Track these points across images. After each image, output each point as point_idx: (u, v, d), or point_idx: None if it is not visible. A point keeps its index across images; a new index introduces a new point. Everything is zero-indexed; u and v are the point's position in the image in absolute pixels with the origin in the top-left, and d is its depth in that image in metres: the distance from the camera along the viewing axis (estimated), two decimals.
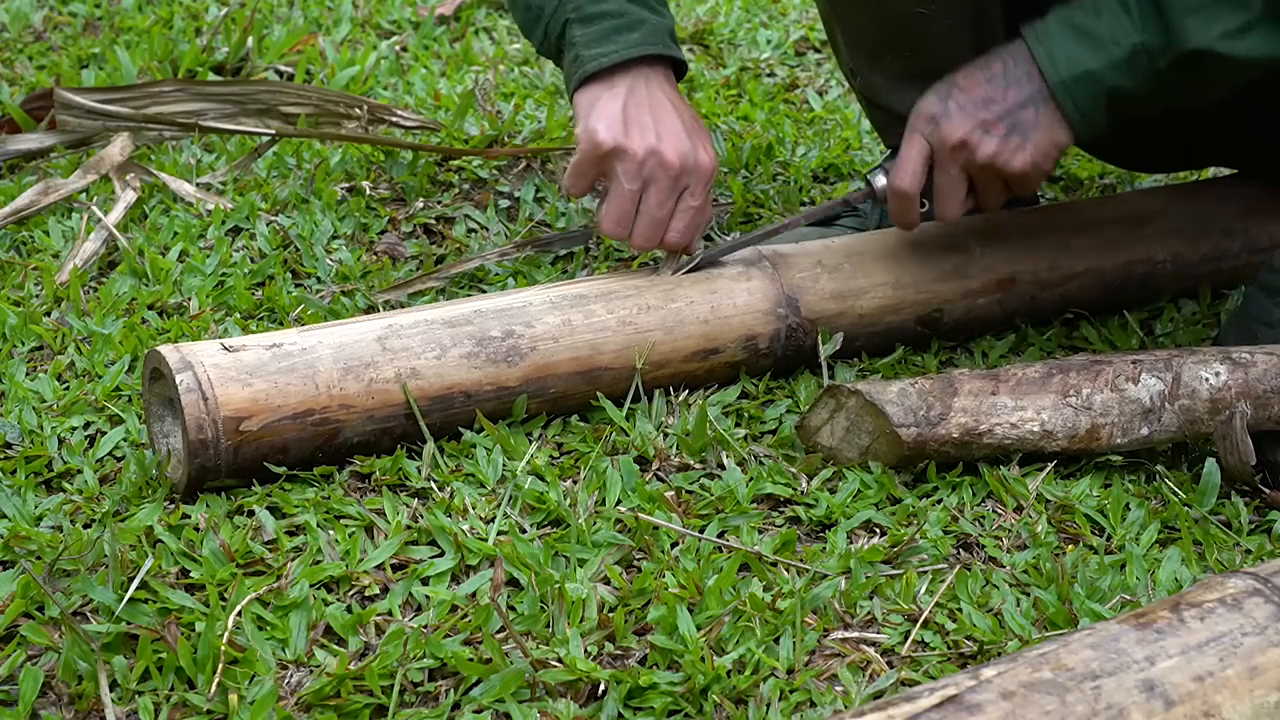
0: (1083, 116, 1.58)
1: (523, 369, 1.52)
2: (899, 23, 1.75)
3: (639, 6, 1.65)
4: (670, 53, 1.65)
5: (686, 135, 1.62)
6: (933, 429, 1.47)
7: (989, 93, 1.59)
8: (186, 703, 1.17)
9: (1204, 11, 1.51)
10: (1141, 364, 1.54)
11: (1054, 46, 1.57)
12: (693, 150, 1.61)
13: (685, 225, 1.63)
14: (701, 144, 1.63)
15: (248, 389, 1.40)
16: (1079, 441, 1.52)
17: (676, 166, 1.60)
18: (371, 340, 1.48)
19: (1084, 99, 1.57)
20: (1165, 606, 1.07)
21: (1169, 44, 1.53)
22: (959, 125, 1.59)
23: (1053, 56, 1.57)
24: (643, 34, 1.63)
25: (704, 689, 1.19)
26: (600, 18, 1.64)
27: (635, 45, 1.62)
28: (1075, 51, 1.56)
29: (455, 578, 1.34)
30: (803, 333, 1.66)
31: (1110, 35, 1.54)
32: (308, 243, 1.96)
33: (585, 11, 1.64)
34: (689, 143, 1.61)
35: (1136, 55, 1.54)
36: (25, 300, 1.82)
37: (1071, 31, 1.56)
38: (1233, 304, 1.90)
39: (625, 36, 1.63)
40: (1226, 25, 1.50)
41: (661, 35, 1.65)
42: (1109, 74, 1.55)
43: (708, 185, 1.63)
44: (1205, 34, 1.51)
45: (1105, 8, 1.55)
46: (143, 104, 2.30)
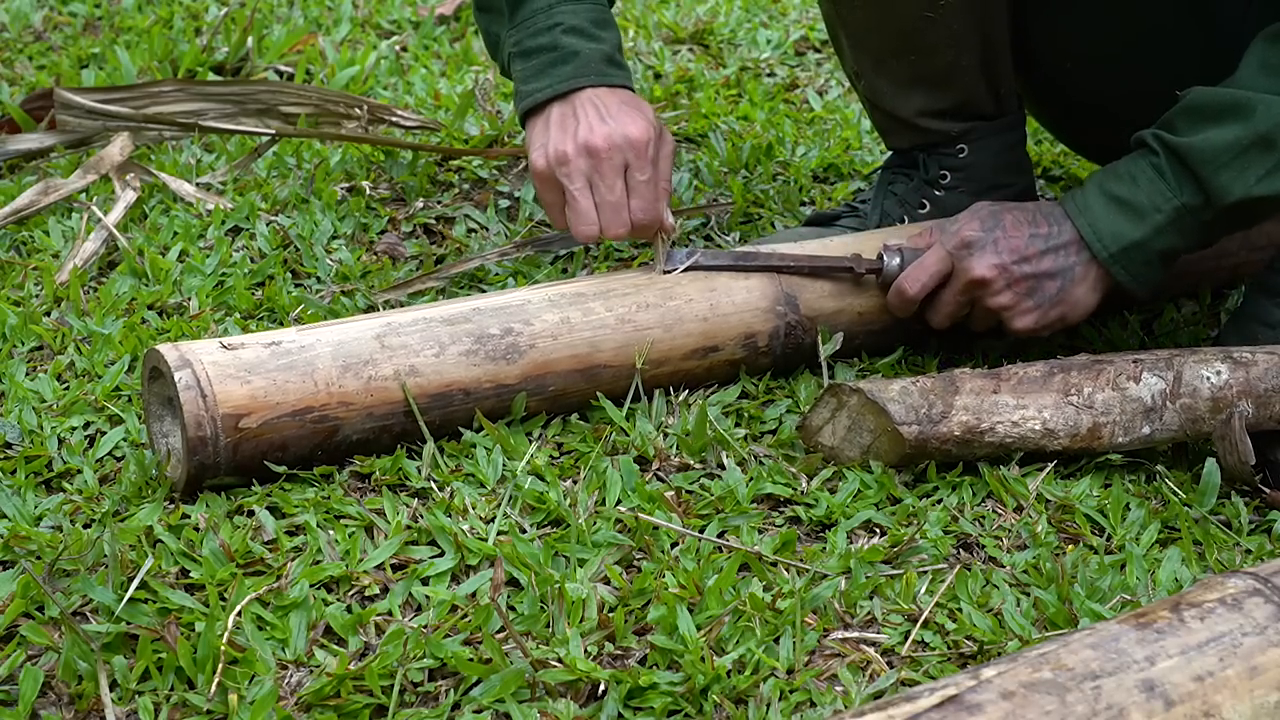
0: (1136, 280, 1.62)
1: (522, 367, 1.52)
2: (904, 27, 1.74)
3: (573, 37, 1.70)
4: (603, 81, 1.69)
5: (609, 118, 1.65)
6: (934, 427, 1.47)
7: (1027, 250, 1.62)
8: (186, 703, 1.17)
9: (1235, 165, 1.54)
10: (1143, 363, 1.54)
11: (1097, 221, 1.61)
12: (618, 129, 1.64)
13: (642, 200, 1.66)
14: (630, 118, 1.65)
15: (246, 386, 1.40)
16: (1080, 440, 1.52)
17: (604, 147, 1.63)
18: (370, 338, 1.48)
19: (1135, 265, 1.61)
20: (1165, 606, 1.07)
21: (1209, 201, 1.56)
22: (987, 266, 1.62)
23: (1097, 232, 1.60)
24: (574, 66, 1.69)
25: (704, 689, 1.19)
26: (536, 52, 1.71)
27: (565, 79, 1.68)
28: (1119, 225, 1.60)
29: (455, 578, 1.33)
30: (802, 331, 1.66)
31: (1151, 203, 1.58)
32: (308, 243, 1.96)
33: (524, 46, 1.72)
34: (611, 124, 1.64)
35: (1180, 217, 1.57)
36: (25, 300, 1.82)
37: (1113, 204, 1.60)
38: (1233, 304, 1.90)
39: (558, 70, 1.69)
40: (1259, 170, 1.54)
41: (595, 64, 1.69)
42: (1156, 239, 1.59)
43: (646, 155, 1.65)
44: (1243, 185, 1.54)
45: (1141, 176, 1.58)
46: (143, 104, 2.30)
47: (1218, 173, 1.54)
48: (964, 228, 1.63)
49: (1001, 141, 1.87)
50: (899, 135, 1.90)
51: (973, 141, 1.85)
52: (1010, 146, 1.89)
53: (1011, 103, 1.87)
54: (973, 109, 1.83)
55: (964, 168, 1.86)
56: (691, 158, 2.30)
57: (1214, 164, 1.54)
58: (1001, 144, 1.87)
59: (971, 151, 1.85)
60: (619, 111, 1.66)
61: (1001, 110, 1.86)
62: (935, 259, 1.64)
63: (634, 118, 1.66)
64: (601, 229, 1.66)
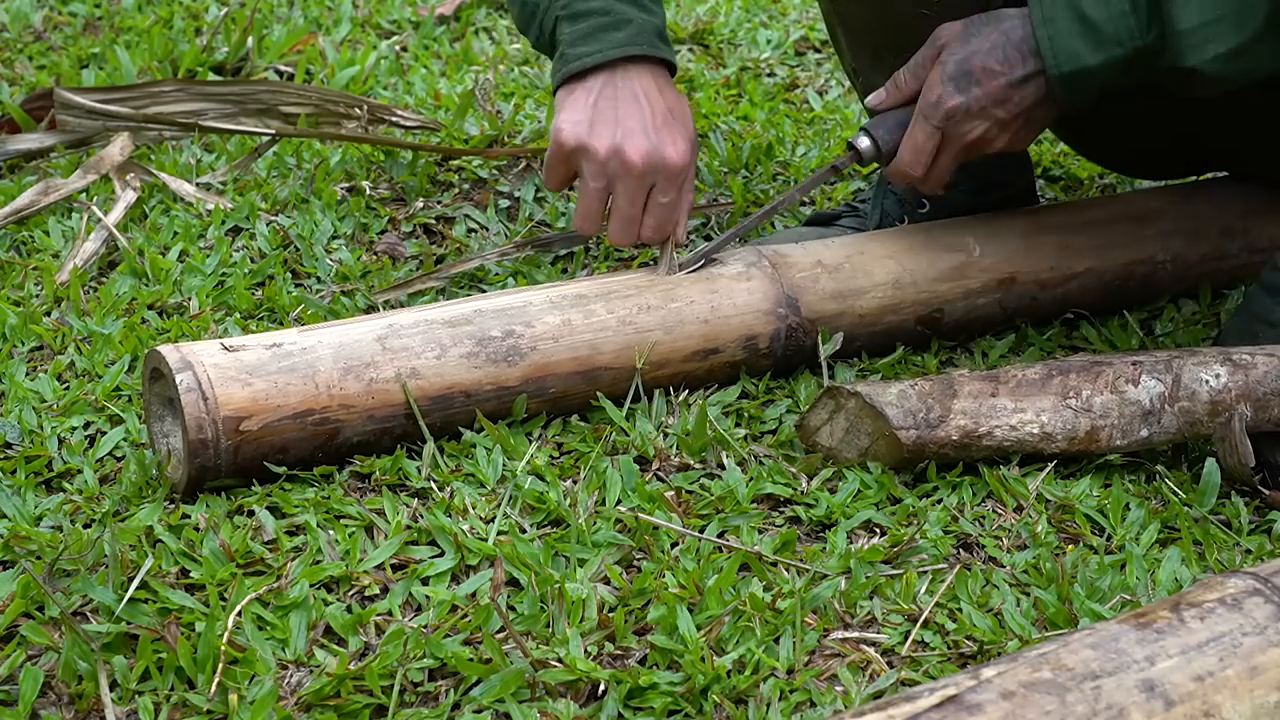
0: (1072, 104, 1.58)
1: (523, 369, 1.52)
2: (901, 23, 1.74)
3: (627, 5, 1.64)
4: (655, 53, 1.64)
5: (653, 131, 1.61)
6: (932, 431, 1.47)
7: (1006, 91, 1.57)
8: (186, 703, 1.17)
9: (1201, 32, 1.49)
10: (1141, 365, 1.54)
11: (1058, 36, 1.54)
12: (657, 147, 1.60)
13: (657, 222, 1.64)
14: (671, 139, 1.61)
15: (248, 389, 1.40)
16: (1078, 443, 1.52)
17: (639, 165, 1.60)
18: (371, 340, 1.48)
19: (1077, 91, 1.56)
20: (1165, 606, 1.07)
21: (1164, 52, 1.52)
22: (979, 127, 1.59)
23: (1055, 47, 1.54)
24: (628, 33, 1.63)
25: (704, 689, 1.19)
26: (587, 15, 1.64)
27: (618, 45, 1.62)
28: (1077, 45, 1.54)
29: (455, 578, 1.34)
30: (803, 333, 1.66)
31: (1115, 35, 1.53)
32: (308, 243, 1.96)
33: (574, 9, 1.65)
34: (653, 140, 1.60)
35: (1137, 56, 1.53)
36: (25, 300, 1.82)
37: (1078, 23, 1.54)
38: (1233, 304, 1.90)
39: (610, 35, 1.63)
40: (1220, 47, 1.50)
41: (647, 35, 1.64)
42: (1106, 71, 1.55)
43: (677, 181, 1.63)
44: (1199, 54, 1.50)
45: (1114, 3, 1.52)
46: (143, 104, 2.30)
47: (1181, 35, 1.49)
48: (944, 97, 1.57)
49: None
50: None
51: None
52: None
53: None
54: None
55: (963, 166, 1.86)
56: None
57: (1180, 22, 1.49)
58: None
59: None
60: (664, 125, 1.62)
61: None
62: (924, 135, 1.60)
63: (676, 137, 1.62)
64: (608, 233, 1.65)
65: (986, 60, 1.57)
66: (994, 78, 1.57)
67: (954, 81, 1.58)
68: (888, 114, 1.64)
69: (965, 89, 1.57)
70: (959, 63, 1.58)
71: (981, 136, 1.60)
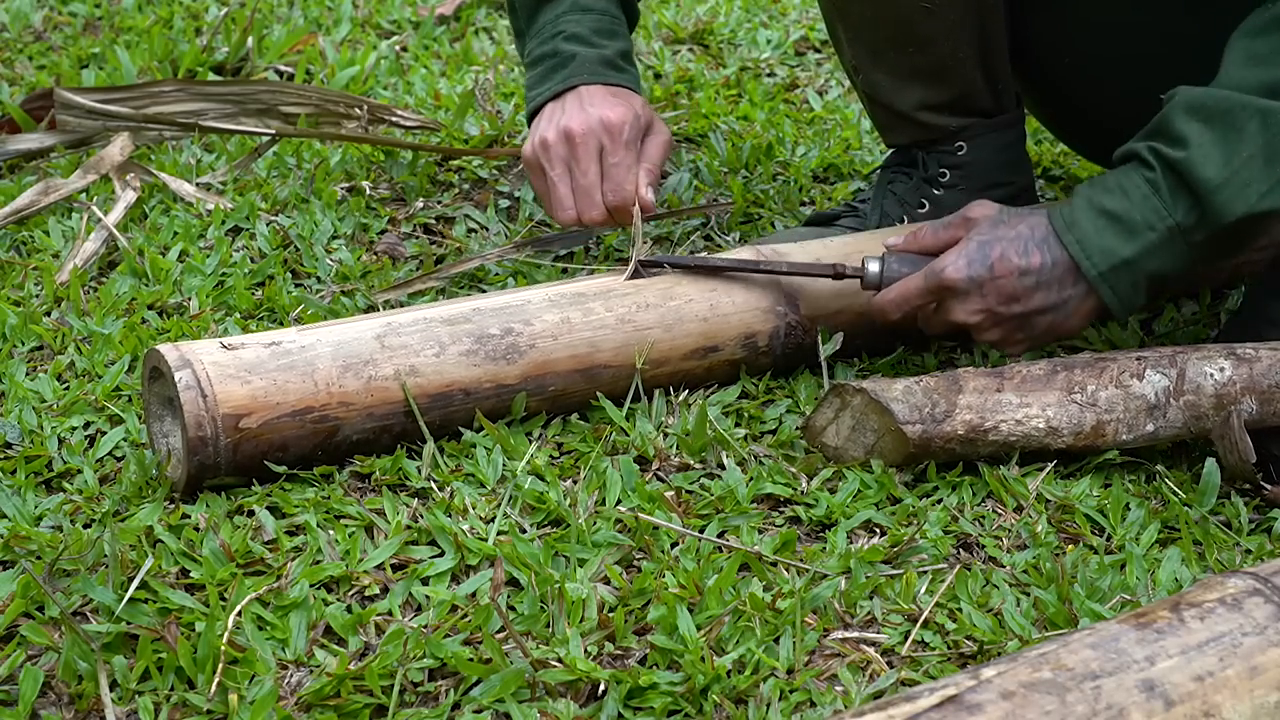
0: (1121, 302, 1.54)
1: (522, 367, 1.52)
2: (902, 18, 1.75)
3: (574, 44, 1.79)
4: (597, 79, 1.77)
5: (590, 107, 1.72)
6: (938, 426, 1.47)
7: (1017, 290, 1.54)
8: (186, 703, 1.17)
9: (1234, 182, 1.46)
10: (1146, 360, 1.54)
11: (1086, 238, 1.52)
12: (593, 115, 1.71)
13: (613, 183, 1.72)
14: (609, 107, 1.72)
15: (247, 386, 1.40)
16: (1084, 438, 1.52)
17: (579, 131, 1.71)
18: (370, 338, 1.48)
19: (1122, 286, 1.53)
20: (1165, 606, 1.07)
21: (1204, 218, 1.48)
22: (970, 313, 1.57)
23: (1086, 249, 1.52)
24: (571, 69, 1.78)
25: (704, 689, 1.19)
26: (541, 60, 1.81)
27: (561, 80, 1.78)
28: (1108, 241, 1.52)
29: (455, 578, 1.33)
30: (802, 331, 1.66)
31: (1144, 220, 1.50)
32: (308, 243, 1.96)
33: (533, 55, 1.83)
34: (589, 111, 1.72)
35: (1174, 236, 1.50)
36: (25, 300, 1.82)
37: (1103, 219, 1.52)
38: (1233, 304, 1.90)
39: (558, 74, 1.79)
40: (1262, 186, 1.47)
41: (590, 65, 1.78)
42: (1147, 259, 1.51)
43: (621, 141, 1.71)
44: (1245, 202, 1.47)
45: (1134, 190, 1.51)
46: (143, 104, 2.30)
47: (1218, 190, 1.46)
48: (949, 268, 1.55)
49: (1001, 139, 1.87)
50: (898, 131, 1.90)
51: (972, 139, 1.85)
52: (1009, 144, 1.89)
53: (1010, 100, 1.87)
54: (971, 104, 1.83)
55: (963, 165, 1.86)
56: (691, 158, 2.30)
57: (1210, 182, 1.46)
58: (1001, 141, 1.87)
59: (970, 149, 1.85)
60: (601, 101, 1.73)
61: (1000, 107, 1.86)
62: (917, 290, 1.58)
63: (614, 105, 1.72)
64: (578, 213, 1.73)
65: (1007, 249, 1.55)
66: (1007, 268, 1.54)
67: (967, 259, 1.55)
68: (911, 256, 1.62)
69: (975, 269, 1.55)
70: (981, 244, 1.56)
71: (972, 324, 1.58)
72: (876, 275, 1.63)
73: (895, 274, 1.62)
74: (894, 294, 1.60)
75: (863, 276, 1.63)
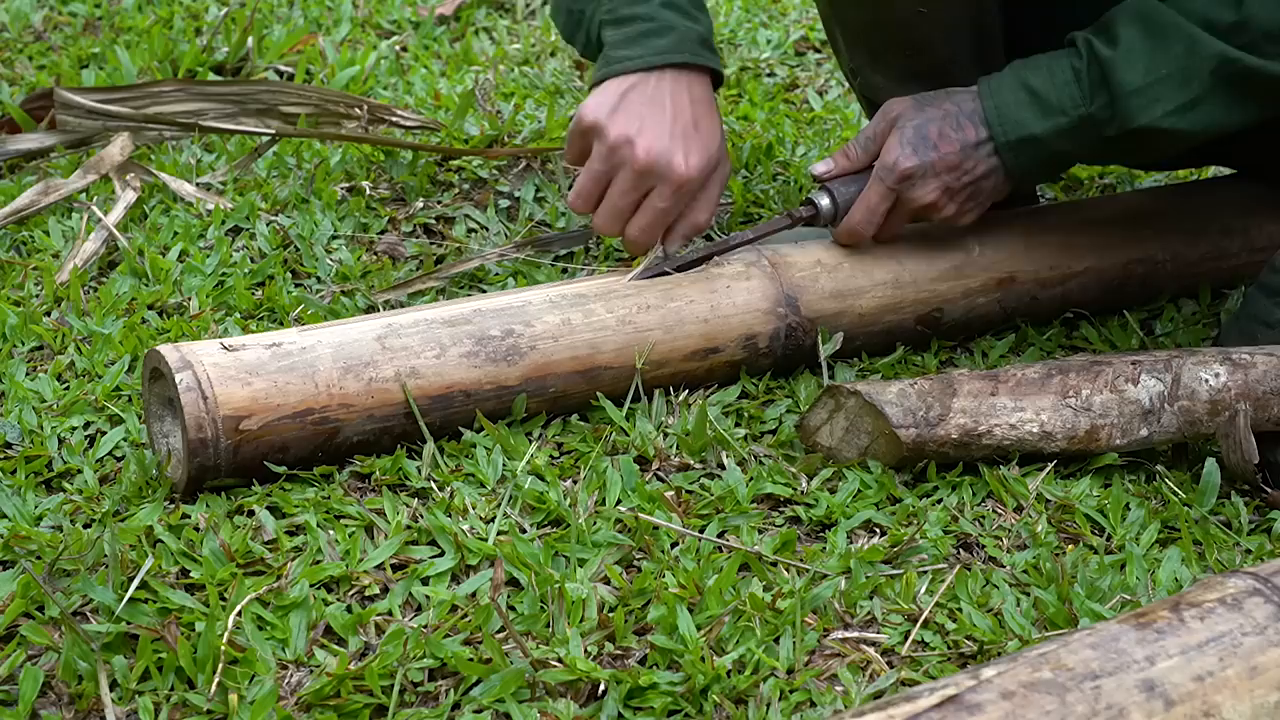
0: (1022, 171, 1.64)
1: (522, 368, 1.52)
2: (899, 22, 1.75)
3: (672, 12, 1.68)
4: (697, 60, 1.68)
5: (669, 137, 1.63)
6: (932, 430, 1.47)
7: (961, 160, 1.62)
8: (186, 703, 1.17)
9: (1149, 92, 1.55)
10: (1141, 365, 1.54)
11: (1004, 106, 1.61)
12: (667, 151, 1.63)
13: (646, 223, 1.66)
14: (684, 150, 1.63)
15: (247, 388, 1.40)
16: (1078, 442, 1.52)
17: (642, 161, 1.62)
18: (371, 339, 1.48)
19: (1025, 158, 1.62)
20: (1165, 606, 1.07)
21: (1114, 118, 1.56)
22: (931, 191, 1.64)
23: (1001, 116, 1.61)
24: (670, 40, 1.66)
25: (704, 689, 1.19)
26: (632, 20, 1.68)
27: (659, 52, 1.66)
28: (1023, 114, 1.60)
29: (455, 578, 1.34)
30: (802, 332, 1.66)
31: (1059, 103, 1.58)
32: (308, 243, 1.96)
33: (619, 14, 1.69)
34: (666, 144, 1.63)
35: (1083, 124, 1.58)
36: (25, 300, 1.82)
37: (1023, 93, 1.60)
38: (1233, 304, 1.90)
39: (652, 42, 1.66)
40: (1169, 104, 1.55)
41: (690, 43, 1.67)
42: (1054, 139, 1.60)
43: (676, 191, 1.64)
44: (1149, 113, 1.55)
45: (1059, 73, 1.59)
46: (143, 104, 2.30)
47: (1130, 95, 1.54)
48: (900, 159, 1.62)
49: None
50: None
51: None
52: None
53: None
54: None
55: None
56: None
57: (1128, 84, 1.54)
58: None
59: None
60: (683, 134, 1.64)
61: None
62: (879, 195, 1.64)
63: (692, 150, 1.64)
64: (594, 217, 1.68)
65: (942, 126, 1.62)
66: (949, 143, 1.62)
67: (911, 145, 1.63)
68: (848, 177, 1.68)
69: (922, 152, 1.62)
70: (916, 128, 1.63)
71: (933, 202, 1.65)
72: (830, 207, 1.67)
73: (847, 198, 1.67)
74: (859, 211, 1.66)
75: (816, 213, 1.68)
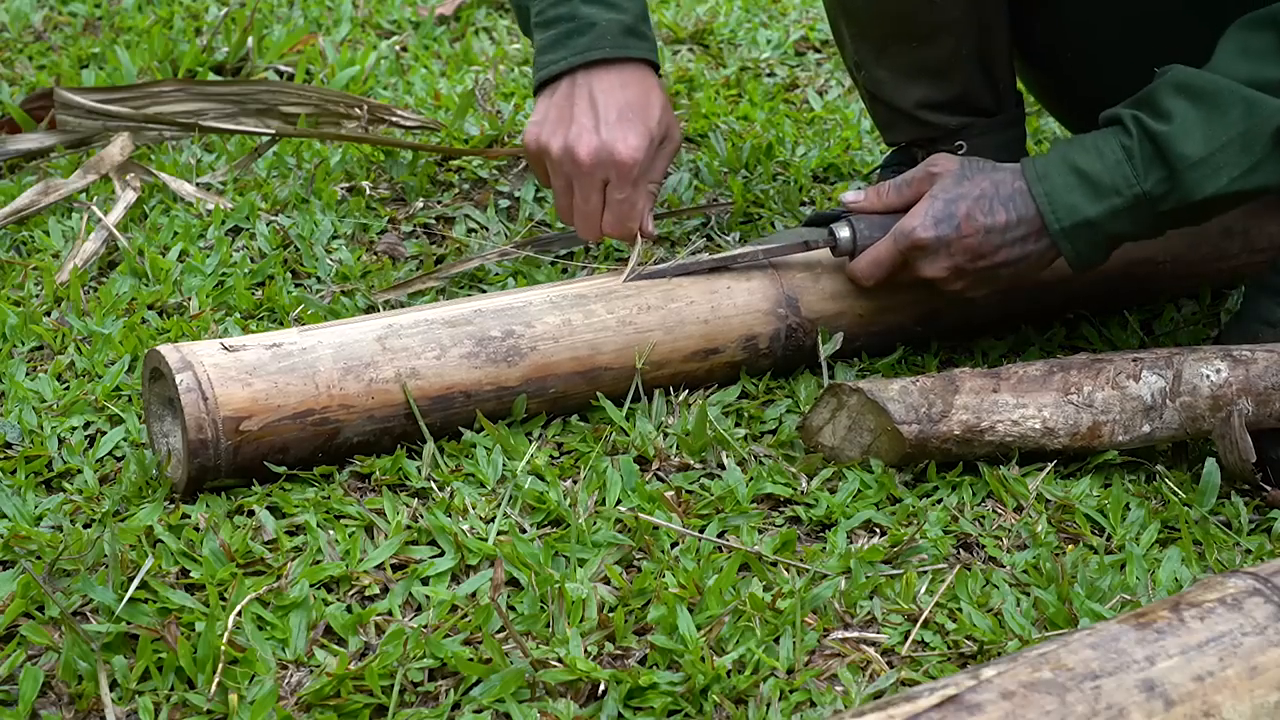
0: (1079, 258, 1.59)
1: (523, 369, 1.52)
2: (905, 13, 1.75)
3: (593, 6, 1.66)
4: (619, 53, 1.65)
5: (604, 129, 1.63)
6: (934, 426, 1.47)
7: (983, 247, 1.57)
8: (186, 703, 1.17)
9: (1211, 161, 1.50)
10: (1142, 362, 1.54)
11: (1055, 192, 1.56)
12: (606, 144, 1.62)
13: (614, 217, 1.67)
14: (623, 136, 1.62)
15: (248, 389, 1.40)
16: (1081, 439, 1.52)
17: (587, 163, 1.63)
18: (371, 340, 1.48)
19: (1082, 243, 1.57)
20: (1165, 606, 1.07)
21: (1172, 192, 1.52)
22: (941, 268, 1.60)
23: (1053, 203, 1.56)
24: (590, 38, 1.65)
25: (704, 689, 1.19)
26: (555, 22, 1.67)
27: (579, 51, 1.65)
28: (1075, 198, 1.55)
29: (455, 578, 1.34)
30: (803, 333, 1.66)
31: (1113, 183, 1.53)
32: (308, 243, 1.96)
33: (545, 16, 1.68)
34: (603, 137, 1.62)
35: (1139, 203, 1.53)
36: (25, 300, 1.82)
37: (1074, 176, 1.55)
38: (1233, 304, 1.90)
39: (573, 42, 1.65)
40: (1234, 171, 1.50)
41: (612, 35, 1.65)
42: (1110, 222, 1.55)
43: (629, 177, 1.64)
44: (1214, 183, 1.51)
45: (1109, 153, 1.54)
46: (143, 104, 2.30)
47: (1192, 168, 1.50)
48: (918, 229, 1.58)
49: (1000, 139, 1.87)
50: (898, 129, 1.90)
51: (972, 138, 1.85)
52: (1009, 144, 1.89)
53: (1010, 100, 1.87)
54: (971, 102, 1.84)
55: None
56: (691, 158, 2.30)
57: (1187, 159, 1.50)
58: (1000, 141, 1.87)
59: (971, 148, 1.85)
60: (617, 122, 1.63)
61: (1000, 106, 1.86)
62: (889, 254, 1.62)
63: (629, 133, 1.63)
64: (576, 230, 1.70)
65: (972, 207, 1.57)
66: (973, 226, 1.57)
67: (934, 218, 1.58)
68: (876, 218, 1.64)
69: (943, 228, 1.58)
70: (947, 202, 1.58)
71: (940, 278, 1.61)
72: (849, 240, 1.65)
73: (866, 238, 1.64)
74: (865, 261, 1.64)
75: (835, 244, 1.66)
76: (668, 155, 1.70)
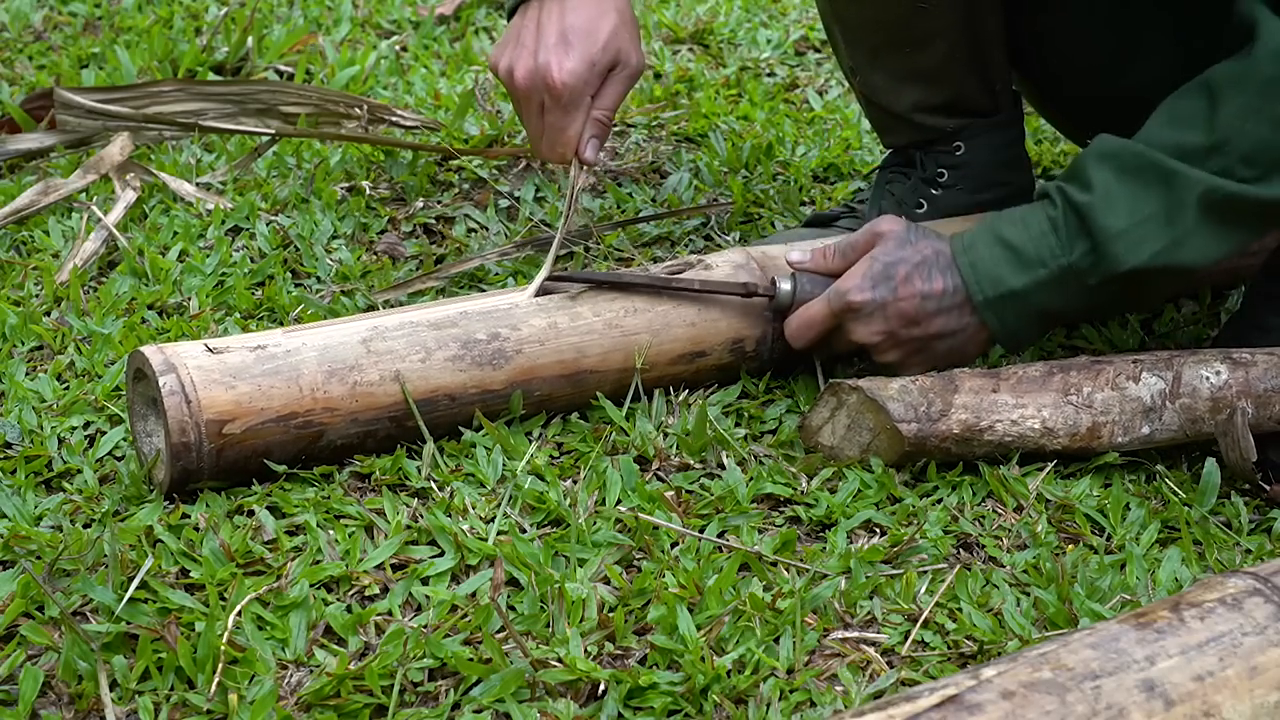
0: (1006, 331, 1.56)
1: (508, 372, 1.51)
2: (898, 19, 1.75)
3: None
4: None
5: (544, 51, 1.59)
6: (933, 425, 1.47)
7: (917, 314, 1.54)
8: (186, 703, 1.17)
9: (1132, 234, 1.48)
10: (1142, 363, 1.54)
11: (979, 262, 1.53)
12: (541, 67, 1.59)
13: (547, 141, 1.64)
14: (559, 59, 1.59)
15: (231, 391, 1.39)
16: (1080, 440, 1.52)
17: (524, 87, 1.61)
18: (356, 343, 1.47)
19: (1009, 316, 1.54)
20: (1165, 606, 1.07)
21: (1098, 264, 1.49)
22: (871, 333, 1.56)
23: (977, 273, 1.53)
24: None
25: (704, 689, 1.19)
26: None
27: None
28: (1000, 269, 1.52)
29: (455, 578, 1.33)
30: None
31: (1038, 255, 1.51)
32: (308, 243, 1.96)
33: None
34: (540, 59, 1.59)
35: (1065, 276, 1.51)
36: (25, 300, 1.82)
37: (998, 247, 1.53)
38: (1233, 304, 1.90)
39: None
40: (1157, 244, 1.48)
41: None
42: (1035, 294, 1.52)
43: (561, 101, 1.60)
44: (1137, 255, 1.48)
45: (1034, 225, 1.52)
46: (143, 104, 2.30)
47: (1112, 240, 1.48)
48: (853, 290, 1.54)
49: (998, 139, 1.87)
50: (895, 132, 1.90)
51: (969, 139, 1.85)
52: (1007, 144, 1.89)
53: (1007, 100, 1.87)
54: (967, 104, 1.84)
55: (961, 166, 1.86)
56: (691, 158, 2.30)
57: (1109, 230, 1.47)
58: (999, 141, 1.87)
59: (969, 150, 1.85)
60: (557, 44, 1.60)
61: (996, 107, 1.86)
62: (821, 315, 1.57)
63: (566, 57, 1.59)
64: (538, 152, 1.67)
65: (911, 271, 1.54)
66: (910, 290, 1.54)
67: (872, 280, 1.55)
68: (820, 277, 1.60)
69: (879, 291, 1.54)
70: (886, 265, 1.55)
71: (874, 344, 1.57)
72: (789, 294, 1.60)
73: (806, 294, 1.59)
74: (798, 322, 1.59)
75: (773, 295, 1.61)
76: (621, 82, 1.65)
